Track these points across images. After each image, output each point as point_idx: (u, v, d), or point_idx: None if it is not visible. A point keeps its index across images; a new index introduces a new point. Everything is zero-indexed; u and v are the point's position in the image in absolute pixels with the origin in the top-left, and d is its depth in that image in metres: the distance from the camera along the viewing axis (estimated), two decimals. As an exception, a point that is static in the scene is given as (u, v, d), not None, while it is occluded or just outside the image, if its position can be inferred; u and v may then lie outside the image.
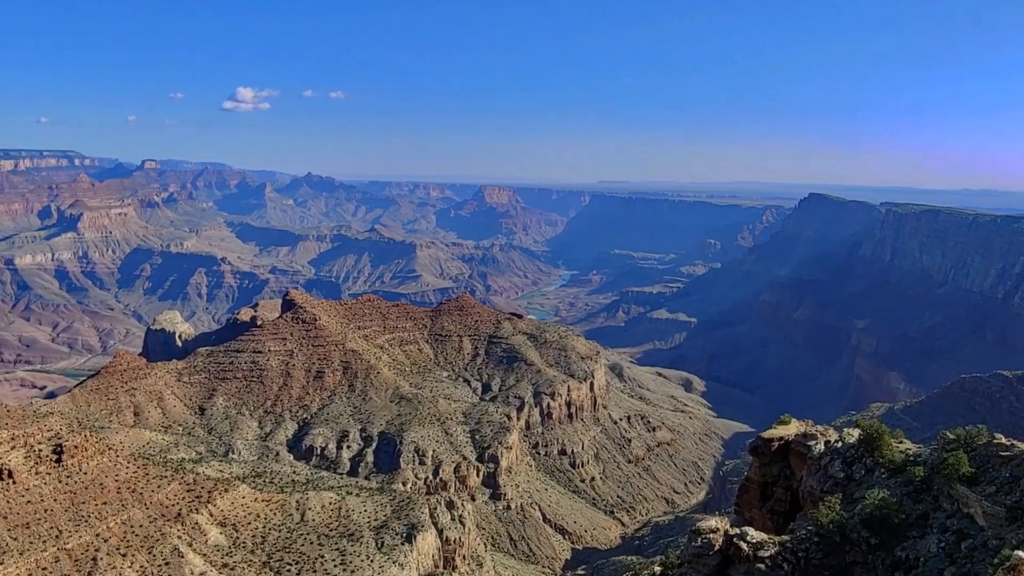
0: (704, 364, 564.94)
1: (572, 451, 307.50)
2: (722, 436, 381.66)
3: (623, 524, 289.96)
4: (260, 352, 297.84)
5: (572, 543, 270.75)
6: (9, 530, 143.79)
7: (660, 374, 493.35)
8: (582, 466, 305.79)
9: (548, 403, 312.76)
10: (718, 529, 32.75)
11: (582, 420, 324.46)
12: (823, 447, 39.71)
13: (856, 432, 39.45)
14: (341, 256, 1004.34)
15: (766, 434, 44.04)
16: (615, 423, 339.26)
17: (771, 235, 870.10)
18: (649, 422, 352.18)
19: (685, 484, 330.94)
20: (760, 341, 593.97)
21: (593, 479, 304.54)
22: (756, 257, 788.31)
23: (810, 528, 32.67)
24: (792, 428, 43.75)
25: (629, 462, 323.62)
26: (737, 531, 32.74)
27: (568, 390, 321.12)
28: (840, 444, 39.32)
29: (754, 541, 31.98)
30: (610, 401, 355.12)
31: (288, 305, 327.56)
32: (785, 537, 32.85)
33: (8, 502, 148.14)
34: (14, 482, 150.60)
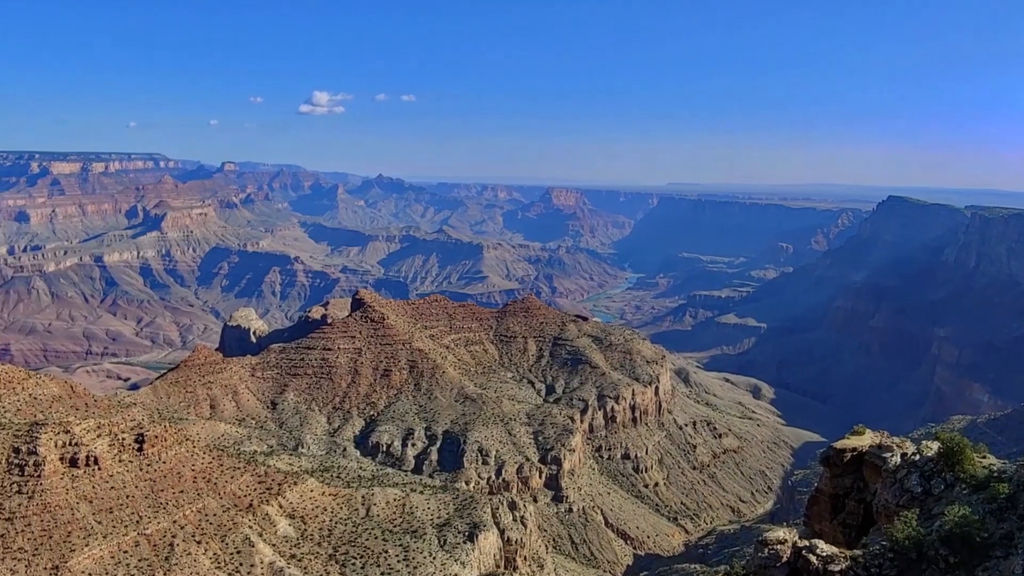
0: (773, 371, 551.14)
1: (636, 455, 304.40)
2: (791, 445, 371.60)
3: (687, 531, 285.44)
4: (330, 349, 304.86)
5: (634, 549, 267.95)
6: (94, 514, 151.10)
7: (727, 380, 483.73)
8: (646, 471, 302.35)
9: (612, 406, 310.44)
10: (786, 540, 31.85)
11: (646, 424, 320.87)
12: (899, 460, 38.18)
13: (935, 445, 37.79)
14: (409, 256, 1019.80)
15: (838, 444, 42.63)
16: (680, 428, 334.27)
17: (847, 239, 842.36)
18: (715, 428, 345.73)
19: (752, 493, 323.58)
20: (833, 348, 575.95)
21: (657, 484, 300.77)
22: (830, 261, 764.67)
23: (884, 544, 31.45)
24: (866, 439, 42.23)
25: (694, 468, 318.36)
26: (806, 543, 31.79)
27: (632, 394, 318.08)
28: (918, 457, 37.73)
29: (824, 555, 30.98)
30: (675, 406, 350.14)
31: (357, 304, 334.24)
32: (857, 552, 31.72)
33: (94, 487, 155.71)
34: (99, 468, 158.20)
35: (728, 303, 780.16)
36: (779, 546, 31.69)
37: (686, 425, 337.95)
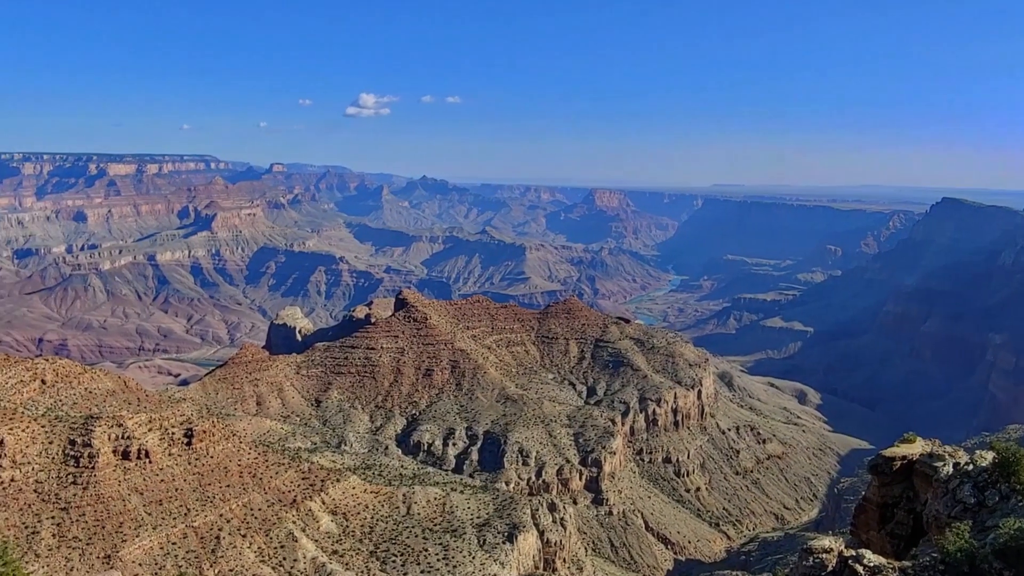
0: (820, 376, 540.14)
1: (677, 459, 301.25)
2: (838, 452, 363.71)
3: (728, 538, 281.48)
4: (373, 349, 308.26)
5: (675, 553, 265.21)
6: (145, 505, 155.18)
7: (772, 384, 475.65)
8: (687, 475, 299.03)
9: (654, 409, 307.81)
10: (832, 549, 31.16)
11: (688, 428, 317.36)
12: (951, 469, 37.06)
13: (990, 455, 36.57)
14: (452, 257, 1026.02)
15: (888, 452, 41.57)
16: (723, 433, 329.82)
17: (898, 242, 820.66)
18: (759, 433, 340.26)
19: (796, 500, 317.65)
20: (882, 354, 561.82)
21: (698, 489, 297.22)
22: (881, 265, 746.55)
23: (935, 555, 30.54)
24: (917, 447, 41.11)
25: (737, 474, 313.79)
26: (853, 553, 31.04)
27: (675, 397, 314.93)
28: (971, 467, 36.56)
29: (871, 565, 30.23)
30: (718, 410, 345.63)
31: (401, 304, 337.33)
32: (906, 563, 30.87)
33: (144, 480, 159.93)
34: (150, 461, 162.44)
35: (774, 306, 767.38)
36: (824, 555, 31.04)
37: (729, 430, 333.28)
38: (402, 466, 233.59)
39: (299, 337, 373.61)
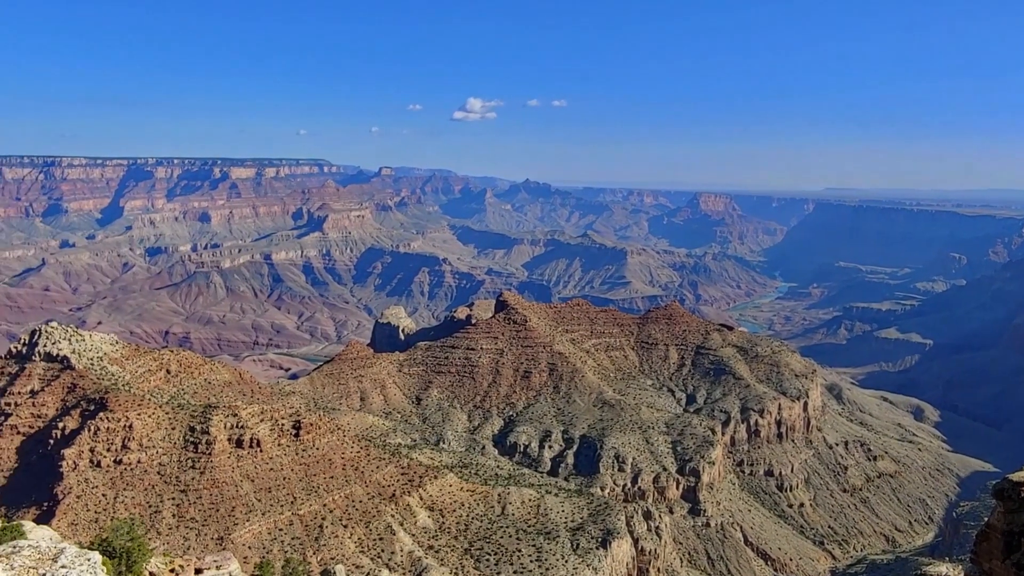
0: (939, 392, 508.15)
1: (780, 473, 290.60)
2: (957, 473, 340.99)
3: (833, 557, 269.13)
4: (473, 349, 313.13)
5: (775, 570, 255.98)
6: (255, 492, 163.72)
7: (885, 399, 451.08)
8: (790, 490, 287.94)
9: (756, 420, 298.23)
10: None
11: (793, 441, 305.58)
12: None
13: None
14: (553, 260, 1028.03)
15: (1015, 476, 39.03)
16: (830, 448, 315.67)
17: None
18: (870, 450, 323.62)
19: (909, 522, 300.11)
20: (1011, 369, 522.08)
21: (802, 505, 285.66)
22: (1011, 274, 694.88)
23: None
24: (1040, 471, 38.38)
25: (844, 491, 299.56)
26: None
27: (779, 408, 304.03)
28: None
29: (979, 593, 28.57)
30: (825, 424, 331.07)
31: (501, 306, 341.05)
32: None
33: (255, 467, 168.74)
34: (261, 450, 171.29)
35: (889, 316, 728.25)
36: (925, 579, 29.56)
37: (837, 444, 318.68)
38: (498, 466, 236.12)
39: (402, 336, 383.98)
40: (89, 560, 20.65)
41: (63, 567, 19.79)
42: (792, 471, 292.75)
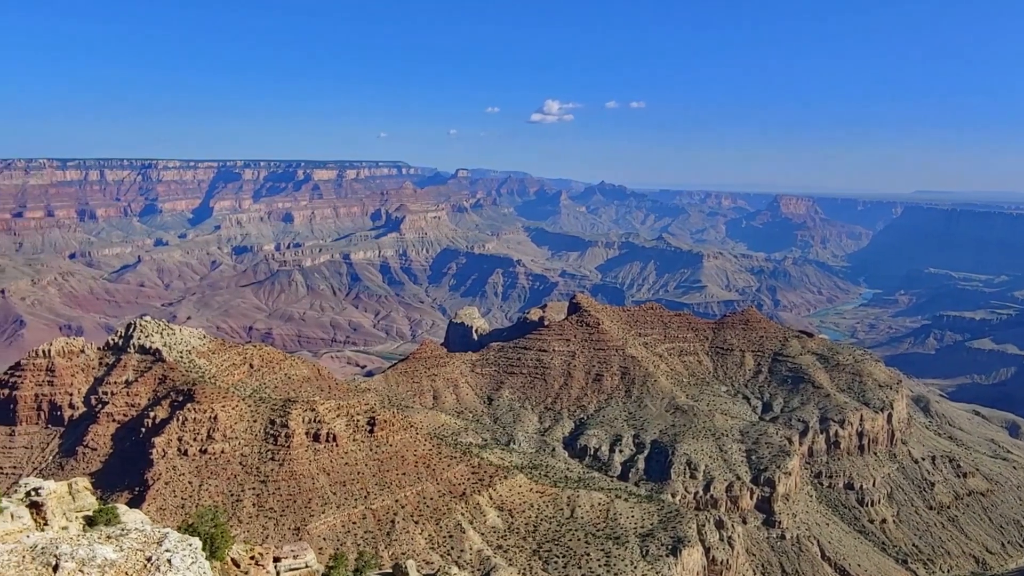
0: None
1: (861, 487, 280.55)
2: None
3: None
4: (545, 351, 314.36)
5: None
6: (330, 485, 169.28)
7: (977, 413, 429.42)
8: (872, 505, 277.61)
9: (836, 431, 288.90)
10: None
11: (875, 454, 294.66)
12: None
13: None
14: (627, 263, 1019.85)
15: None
16: (915, 462, 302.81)
17: None
18: (959, 466, 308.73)
19: (1002, 544, 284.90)
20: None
21: (884, 521, 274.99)
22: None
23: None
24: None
25: (930, 508, 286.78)
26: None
27: (860, 419, 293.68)
28: None
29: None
30: (911, 437, 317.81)
31: (574, 308, 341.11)
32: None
33: (332, 461, 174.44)
34: (337, 445, 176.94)
35: (983, 326, 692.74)
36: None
37: (923, 459, 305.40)
38: (568, 469, 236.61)
39: (475, 336, 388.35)
40: (191, 546, 22.68)
41: (167, 551, 21.73)
42: (874, 485, 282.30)
